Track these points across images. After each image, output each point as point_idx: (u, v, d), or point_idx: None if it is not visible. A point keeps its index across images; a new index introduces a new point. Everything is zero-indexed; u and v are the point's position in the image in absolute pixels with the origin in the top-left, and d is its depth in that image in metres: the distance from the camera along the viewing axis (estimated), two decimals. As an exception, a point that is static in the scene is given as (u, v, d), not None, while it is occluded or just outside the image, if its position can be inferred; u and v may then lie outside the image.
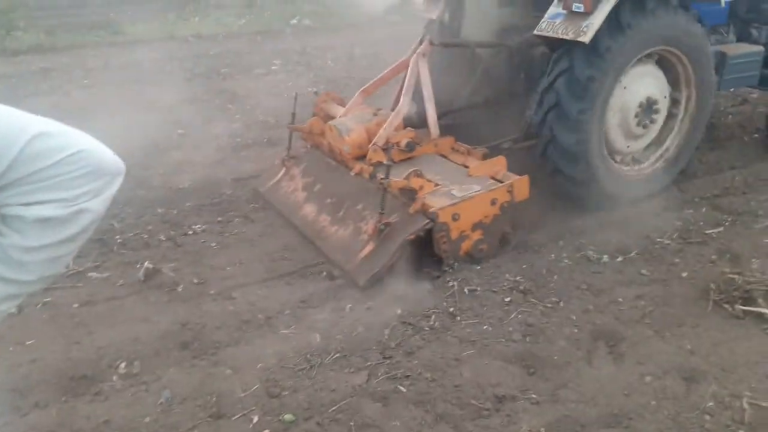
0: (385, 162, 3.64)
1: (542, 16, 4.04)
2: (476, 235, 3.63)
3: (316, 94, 4.81)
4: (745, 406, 2.57)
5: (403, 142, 3.96)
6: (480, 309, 3.29)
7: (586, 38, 3.69)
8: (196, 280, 3.66)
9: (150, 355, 3.02)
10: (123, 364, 2.95)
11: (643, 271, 3.60)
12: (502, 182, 3.71)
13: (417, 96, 4.19)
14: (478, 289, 3.44)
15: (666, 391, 2.68)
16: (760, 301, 3.14)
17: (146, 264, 3.70)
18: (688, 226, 4.10)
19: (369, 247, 3.55)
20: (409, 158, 4.00)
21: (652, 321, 3.15)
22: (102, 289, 3.60)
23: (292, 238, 4.13)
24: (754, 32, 5.09)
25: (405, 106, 4.10)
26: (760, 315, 3.10)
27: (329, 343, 3.04)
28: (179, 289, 3.58)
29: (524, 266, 3.67)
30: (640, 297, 3.35)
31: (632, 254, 3.78)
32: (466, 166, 3.92)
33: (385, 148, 3.77)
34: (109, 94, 7.33)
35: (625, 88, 4.13)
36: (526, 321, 3.19)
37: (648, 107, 4.27)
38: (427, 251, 3.60)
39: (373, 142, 3.92)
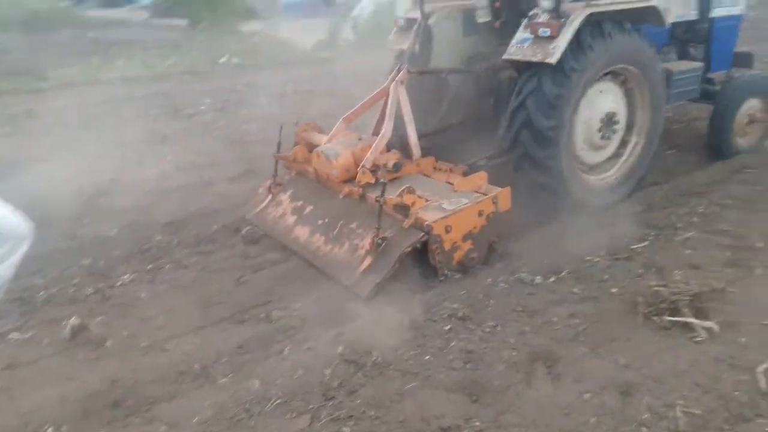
0: (375, 182, 4.01)
1: (504, 43, 4.48)
2: (467, 245, 3.87)
3: (296, 124, 5.00)
4: (679, 414, 2.64)
5: (390, 163, 4.20)
6: (421, 339, 3.29)
7: (553, 59, 4.07)
8: (126, 333, 3.52)
9: (78, 416, 2.87)
10: (50, 430, 2.79)
11: (575, 290, 3.70)
12: (486, 195, 3.98)
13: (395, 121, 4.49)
14: (419, 319, 3.45)
15: (604, 407, 2.74)
16: (685, 311, 3.26)
17: (72, 320, 3.53)
18: (615, 242, 4.25)
19: (367, 261, 3.76)
20: (395, 178, 4.21)
21: (586, 338, 3.23)
22: (25, 350, 3.41)
23: (227, 280, 4.06)
24: (692, 50, 5.68)
25: (389, 131, 4.38)
26: (686, 324, 3.21)
27: (269, 389, 2.96)
28: (108, 344, 3.43)
29: (462, 292, 3.70)
30: (573, 315, 3.43)
31: (563, 274, 3.88)
32: (451, 183, 4.19)
33: (374, 170, 4.12)
34: (32, 143, 7.09)
35: (588, 104, 4.50)
36: (466, 348, 3.20)
37: (609, 121, 4.66)
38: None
39: (361, 164, 4.21)
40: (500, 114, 4.63)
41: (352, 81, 10.46)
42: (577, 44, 4.18)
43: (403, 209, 3.77)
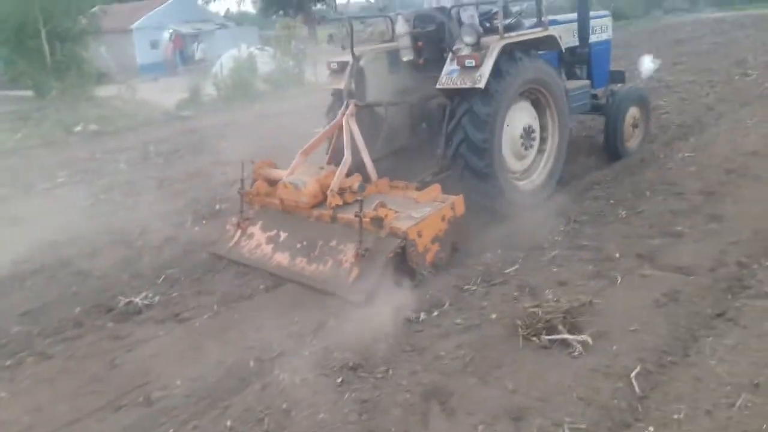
0: (343, 203, 4.62)
1: (427, 77, 5.35)
2: (435, 247, 4.41)
3: (252, 162, 5.36)
4: (567, 431, 2.74)
5: (356, 185, 4.71)
6: (313, 398, 3.19)
7: (482, 84, 4.84)
8: (-17, 445, 3.12)
9: None
10: None
11: (458, 321, 3.78)
12: (443, 203, 4.55)
13: (338, 154, 5.13)
14: (310, 376, 3.35)
15: (498, 436, 2.78)
16: (560, 328, 3.43)
17: None
18: (489, 268, 4.42)
19: (355, 272, 4.20)
20: (359, 199, 4.44)
21: (474, 368, 3.29)
22: None
23: (99, 366, 3.73)
24: (578, 71, 6.74)
25: (350, 158, 4.93)
26: (563, 341, 3.37)
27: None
28: (-39, 461, 3.02)
29: (352, 340, 3.66)
30: (459, 347, 3.49)
31: (446, 306, 3.96)
32: (410, 197, 4.73)
33: (341, 193, 4.66)
34: None
35: (510, 120, 5.27)
36: (360, 398, 3.15)
37: (527, 133, 5.47)
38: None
39: (329, 189, 4.68)
40: (433, 137, 5.39)
41: (217, 137, 10.31)
42: (497, 71, 4.92)
43: (378, 221, 4.21)
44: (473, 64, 4.87)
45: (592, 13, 6.62)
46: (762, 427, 2.65)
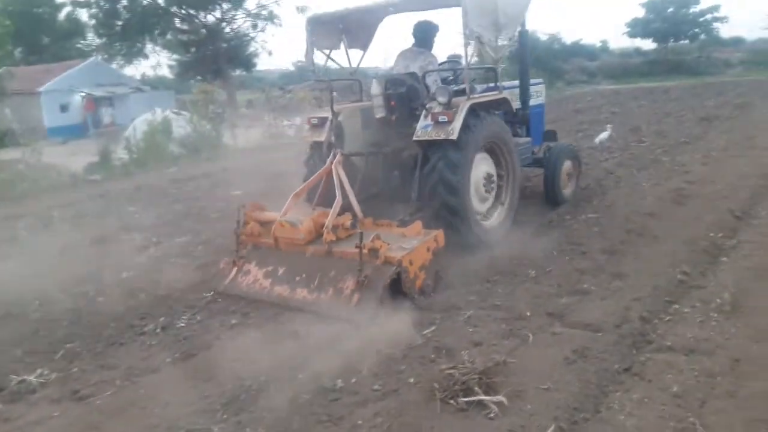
0: (337, 239, 5.19)
1: (399, 132, 6.32)
2: (423, 275, 4.97)
3: (243, 206, 5.87)
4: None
5: (348, 223, 5.35)
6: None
7: (455, 136, 5.58)
8: None
9: None
10: None
11: (376, 387, 3.70)
12: (427, 236, 5.15)
13: (325, 197, 5.86)
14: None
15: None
16: (476, 389, 3.42)
17: None
18: (409, 330, 4.38)
19: (356, 297, 4.68)
20: (350, 235, 5.22)
21: (393, 436, 3.21)
22: None
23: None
24: (519, 131, 7.55)
25: (340, 199, 5.51)
26: (480, 402, 3.36)
27: None
28: None
29: (265, 414, 3.50)
30: (377, 414, 3.40)
31: (363, 372, 3.88)
32: (394, 233, 5.25)
33: (334, 229, 5.20)
34: None
35: (475, 168, 6.00)
36: (273, 475, 2.99)
37: (488, 179, 6.26)
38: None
39: (325, 226, 5.22)
40: (405, 183, 6.22)
41: (126, 202, 9.96)
42: (465, 125, 5.67)
43: (375, 252, 4.76)
44: (446, 119, 5.64)
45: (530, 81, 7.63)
46: (670, 481, 2.71)
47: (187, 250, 6.87)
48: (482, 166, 6.19)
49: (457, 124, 5.60)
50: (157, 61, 58.48)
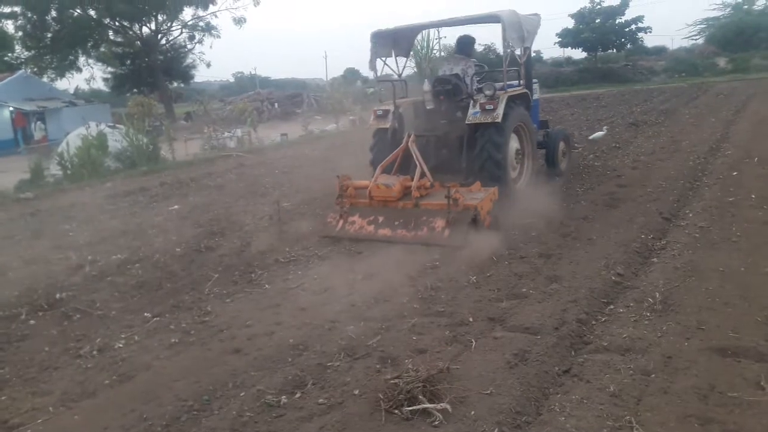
0: (421, 195, 7.12)
1: (444, 119, 8.32)
2: (489, 217, 6.81)
3: (337, 177, 7.57)
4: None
5: (428, 184, 7.30)
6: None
7: (500, 119, 7.48)
8: None
9: None
10: None
11: (321, 400, 3.67)
12: (488, 191, 7.02)
13: (402, 167, 7.79)
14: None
15: None
16: (421, 397, 3.44)
17: None
18: (351, 342, 4.39)
19: (447, 231, 6.53)
20: (428, 193, 7.23)
21: (338, 450, 3.19)
22: None
23: None
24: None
25: (421, 169, 7.31)
26: (424, 411, 3.38)
27: None
28: None
29: (208, 433, 3.43)
30: (322, 428, 3.37)
31: (308, 386, 3.85)
32: (464, 189, 6.99)
33: (418, 188, 7.12)
34: None
35: (511, 145, 7.92)
36: (217, 496, 2.92)
37: (517, 153, 8.21)
38: None
39: (413, 187, 7.10)
40: (453, 158, 8.10)
41: (60, 220, 9.58)
42: (505, 112, 7.51)
43: (456, 201, 6.52)
44: (492, 107, 7.50)
45: None
46: (608, 477, 2.79)
47: (124, 268, 6.65)
48: (513, 144, 8.04)
49: (500, 110, 7.48)
50: (91, 74, 56.43)
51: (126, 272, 6.54)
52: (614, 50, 48.73)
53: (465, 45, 9.01)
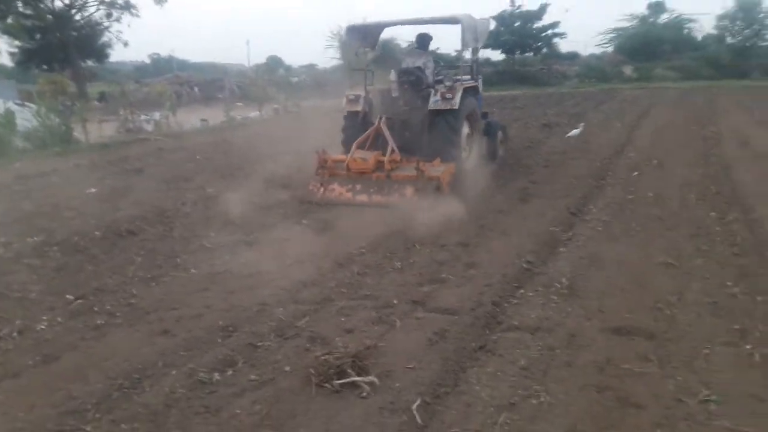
0: (392, 168, 8.32)
1: (406, 106, 9.32)
2: (448, 188, 7.99)
3: (317, 151, 8.62)
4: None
5: (397, 158, 8.48)
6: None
7: (457, 106, 8.62)
8: None
9: None
10: None
11: (252, 377, 3.83)
12: (447, 166, 8.29)
13: (374, 144, 8.93)
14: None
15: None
16: (349, 371, 3.68)
17: None
18: (280, 323, 4.54)
19: (415, 198, 7.68)
20: (398, 166, 8.41)
21: (271, 421, 3.37)
22: None
23: None
24: None
25: (393, 146, 8.53)
26: (353, 383, 3.62)
27: None
28: None
29: (140, 410, 3.50)
30: (255, 402, 3.54)
31: (239, 365, 3.99)
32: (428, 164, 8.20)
33: (390, 162, 8.31)
34: None
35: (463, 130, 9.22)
36: (152, 467, 3.03)
37: (467, 137, 9.43)
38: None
39: (386, 160, 8.28)
40: (414, 139, 8.92)
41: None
42: (460, 101, 8.64)
43: (422, 173, 7.86)
44: (450, 96, 8.60)
45: None
46: (518, 439, 3.14)
47: (41, 251, 6.46)
48: (465, 129, 9.30)
49: (457, 99, 8.61)
50: (-6, 47, 52.74)
51: (44, 255, 6.37)
52: (532, 53, 50.69)
53: (424, 41, 9.94)
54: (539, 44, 49.75)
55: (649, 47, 47.08)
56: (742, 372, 3.72)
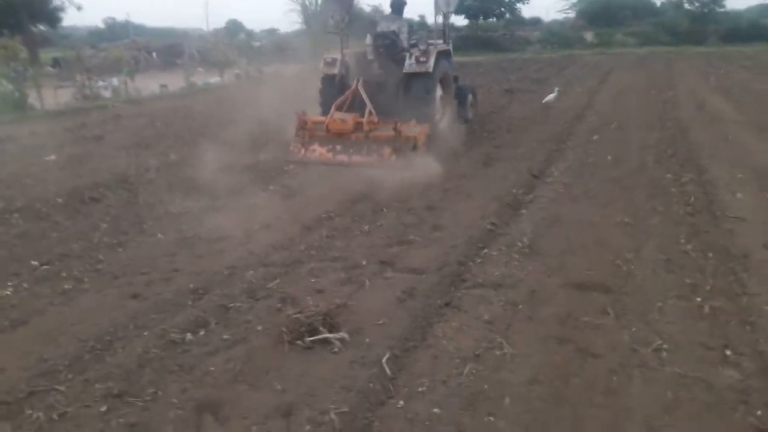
0: (371, 129, 8.38)
1: (381, 69, 9.47)
2: (423, 146, 8.18)
3: (297, 113, 8.66)
4: (333, 417, 3.06)
5: (375, 120, 8.51)
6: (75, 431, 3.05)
7: (431, 69, 8.86)
8: None
9: None
10: None
11: (225, 336, 3.90)
12: (423, 126, 8.34)
13: (353, 106, 8.98)
14: (69, 410, 3.19)
15: (271, 433, 2.99)
16: (321, 329, 3.79)
17: None
18: (251, 285, 4.62)
19: (393, 157, 7.95)
20: (376, 127, 8.44)
21: (245, 377, 3.46)
22: None
23: None
24: None
25: (370, 108, 8.57)
26: (325, 340, 3.73)
27: None
28: None
29: (113, 370, 3.55)
30: (228, 360, 3.62)
31: (212, 325, 4.05)
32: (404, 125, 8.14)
33: (369, 123, 8.35)
34: None
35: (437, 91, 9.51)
36: (128, 422, 3.11)
37: (441, 99, 9.72)
38: None
39: (365, 121, 8.36)
40: (389, 101, 8.96)
41: None
42: (435, 64, 8.88)
43: (398, 133, 7.94)
44: (425, 60, 8.84)
45: None
46: (484, 388, 3.29)
47: (2, 218, 6.35)
48: (438, 91, 9.57)
49: (431, 62, 8.85)
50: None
51: (5, 222, 6.27)
52: (494, 19, 50.59)
53: (399, 6, 10.24)
54: (502, 10, 49.68)
55: (609, 12, 47.57)
56: (692, 323, 3.95)
